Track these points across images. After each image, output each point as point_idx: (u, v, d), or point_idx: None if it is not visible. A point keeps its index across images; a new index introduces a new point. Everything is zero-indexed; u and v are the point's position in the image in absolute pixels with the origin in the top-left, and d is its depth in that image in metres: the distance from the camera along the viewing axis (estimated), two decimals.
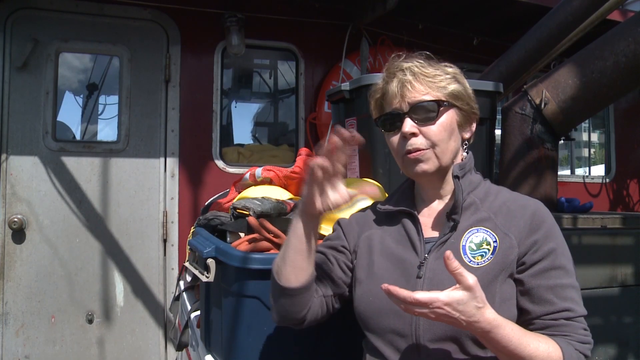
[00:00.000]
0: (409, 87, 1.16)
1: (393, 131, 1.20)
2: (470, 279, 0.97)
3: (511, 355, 1.01)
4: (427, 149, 1.16)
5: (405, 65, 1.18)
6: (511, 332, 1.01)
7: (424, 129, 1.16)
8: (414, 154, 1.16)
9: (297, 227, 1.16)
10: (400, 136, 1.18)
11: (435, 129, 1.16)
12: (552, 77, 2.47)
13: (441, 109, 1.16)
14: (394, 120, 1.19)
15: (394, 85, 1.18)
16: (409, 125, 1.16)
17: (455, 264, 0.96)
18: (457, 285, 0.97)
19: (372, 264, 1.22)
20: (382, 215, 1.30)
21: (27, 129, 2.99)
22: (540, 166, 2.50)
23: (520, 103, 2.53)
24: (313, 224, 1.16)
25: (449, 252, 0.96)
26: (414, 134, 1.16)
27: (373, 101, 1.26)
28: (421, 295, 0.96)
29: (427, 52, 1.22)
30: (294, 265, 1.17)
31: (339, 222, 1.37)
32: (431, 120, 1.16)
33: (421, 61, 1.19)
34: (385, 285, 0.99)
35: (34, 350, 2.97)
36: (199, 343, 1.78)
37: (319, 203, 1.11)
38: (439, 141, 1.16)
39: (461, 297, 0.96)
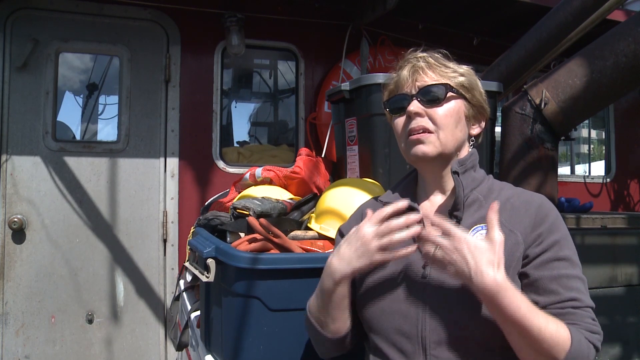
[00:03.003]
0: (421, 73, 1.18)
1: (399, 113, 1.21)
2: (497, 235, 1.01)
3: (519, 324, 0.99)
4: (432, 132, 1.16)
5: (421, 54, 1.21)
6: (520, 299, 1.00)
7: (430, 110, 1.16)
8: (417, 135, 1.16)
9: (340, 289, 1.15)
10: (405, 117, 1.19)
11: (440, 112, 1.16)
12: (552, 77, 2.47)
13: (449, 94, 1.17)
14: (401, 103, 1.20)
15: (406, 71, 1.20)
16: (415, 105, 1.16)
17: (492, 215, 1.03)
18: (484, 238, 1.03)
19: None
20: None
21: (27, 129, 2.99)
22: (540, 166, 2.50)
23: (520, 103, 2.53)
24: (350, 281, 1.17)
25: (496, 204, 1.04)
26: (418, 114, 1.16)
27: (387, 92, 1.27)
28: (451, 226, 1.03)
29: (445, 51, 1.23)
30: (342, 318, 1.19)
31: (340, 232, 1.36)
32: (438, 102, 1.16)
33: (438, 55, 1.21)
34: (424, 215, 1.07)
35: (34, 350, 2.96)
36: (199, 343, 1.78)
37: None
38: (443, 125, 1.16)
39: (480, 244, 1.00)
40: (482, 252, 0.99)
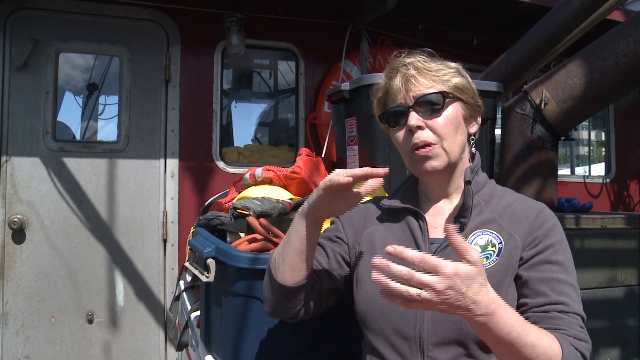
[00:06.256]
0: (413, 81, 1.15)
1: (398, 126, 1.18)
2: (475, 253, 0.89)
3: (512, 345, 0.93)
4: (435, 144, 1.14)
5: (408, 60, 1.17)
6: (514, 317, 0.94)
7: (430, 122, 1.14)
8: (423, 150, 1.14)
9: (300, 228, 1.13)
10: (406, 131, 1.16)
11: (441, 122, 1.14)
12: (552, 77, 2.47)
13: (446, 100, 1.15)
14: (398, 116, 1.17)
15: (397, 81, 1.16)
16: (414, 118, 1.14)
17: (458, 238, 0.88)
18: (462, 262, 0.89)
19: None
20: (384, 212, 1.28)
21: (27, 129, 2.99)
22: (541, 166, 2.50)
23: (520, 103, 2.53)
24: (316, 226, 1.14)
25: (451, 226, 0.89)
26: (419, 127, 1.14)
27: (375, 100, 1.25)
28: (430, 257, 0.86)
29: (429, 49, 1.20)
30: (292, 265, 1.15)
31: (337, 216, 1.35)
32: (436, 112, 1.14)
33: (424, 57, 1.18)
34: (390, 249, 0.89)
35: (34, 350, 2.96)
36: (199, 343, 1.78)
37: (328, 210, 1.10)
38: (445, 134, 1.14)
39: (469, 271, 0.87)
40: (475, 279, 0.89)
